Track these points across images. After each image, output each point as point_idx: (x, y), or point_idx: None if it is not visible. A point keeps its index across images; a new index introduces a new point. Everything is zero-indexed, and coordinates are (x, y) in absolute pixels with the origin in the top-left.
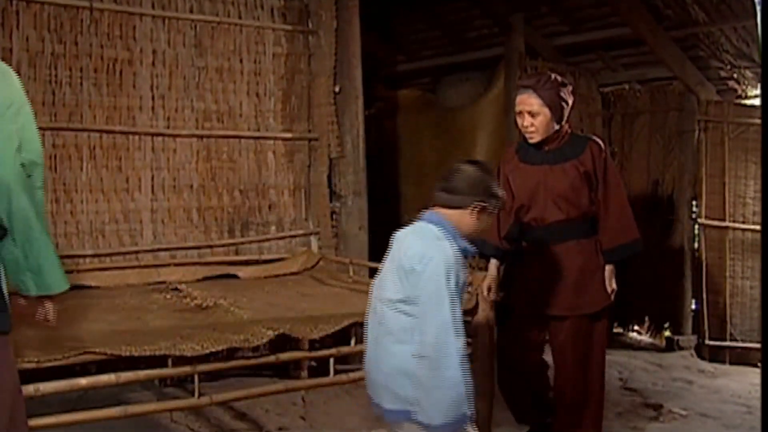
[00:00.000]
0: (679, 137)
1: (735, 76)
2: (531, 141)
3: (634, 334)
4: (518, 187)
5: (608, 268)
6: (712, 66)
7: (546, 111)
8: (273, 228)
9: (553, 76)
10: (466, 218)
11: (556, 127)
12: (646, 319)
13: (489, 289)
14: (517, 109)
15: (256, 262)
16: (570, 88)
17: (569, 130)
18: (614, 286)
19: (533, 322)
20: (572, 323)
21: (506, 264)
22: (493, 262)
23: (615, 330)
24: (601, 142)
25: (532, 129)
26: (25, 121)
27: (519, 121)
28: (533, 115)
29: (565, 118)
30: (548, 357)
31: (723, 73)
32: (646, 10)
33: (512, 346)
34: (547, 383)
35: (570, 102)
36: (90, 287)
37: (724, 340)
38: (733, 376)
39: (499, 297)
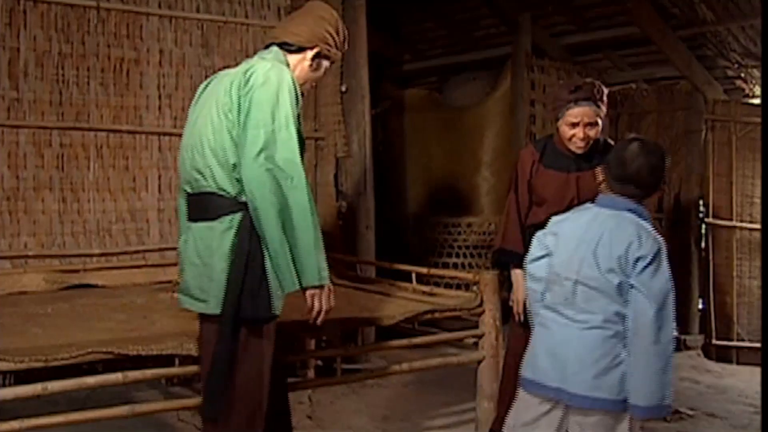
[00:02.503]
0: (687, 137)
1: (742, 75)
2: (579, 152)
3: None
4: (546, 193)
5: None
6: (719, 65)
7: (601, 122)
8: None
9: (599, 84)
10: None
11: None
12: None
13: (523, 304)
14: (575, 120)
15: None
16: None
17: None
18: None
19: None
20: None
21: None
22: (519, 273)
23: None
24: (612, 142)
25: (586, 141)
26: (272, 127)
27: (570, 132)
28: (592, 126)
29: None
30: None
31: (730, 73)
32: (654, 10)
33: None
34: None
35: None
36: (97, 286)
37: (732, 339)
38: (741, 376)
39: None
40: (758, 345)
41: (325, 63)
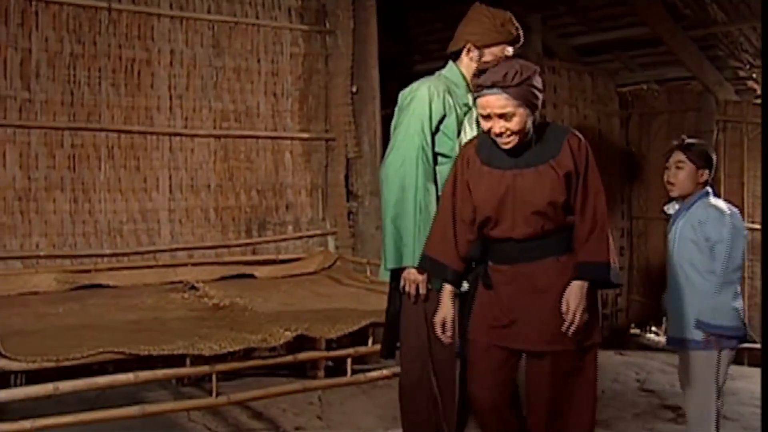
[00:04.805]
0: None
1: (754, 75)
2: (506, 147)
3: (652, 335)
4: (481, 196)
5: (575, 283)
6: (730, 66)
7: (522, 111)
8: (290, 228)
9: (518, 65)
10: None
11: (530, 123)
12: (664, 319)
13: (444, 325)
14: (483, 112)
15: (273, 262)
16: (538, 70)
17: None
18: (574, 307)
19: (498, 357)
20: (554, 361)
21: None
22: (448, 290)
23: (632, 331)
24: (580, 135)
25: (508, 135)
26: (397, 133)
27: (485, 125)
28: (507, 117)
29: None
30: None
31: (742, 73)
32: (665, 10)
33: (471, 386)
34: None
35: (541, 88)
36: (108, 287)
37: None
38: (752, 377)
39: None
40: None
41: (489, 50)
